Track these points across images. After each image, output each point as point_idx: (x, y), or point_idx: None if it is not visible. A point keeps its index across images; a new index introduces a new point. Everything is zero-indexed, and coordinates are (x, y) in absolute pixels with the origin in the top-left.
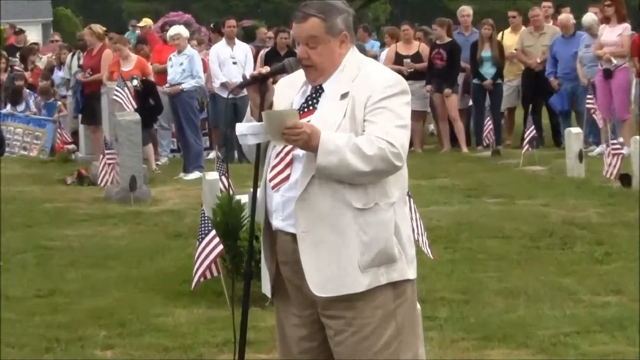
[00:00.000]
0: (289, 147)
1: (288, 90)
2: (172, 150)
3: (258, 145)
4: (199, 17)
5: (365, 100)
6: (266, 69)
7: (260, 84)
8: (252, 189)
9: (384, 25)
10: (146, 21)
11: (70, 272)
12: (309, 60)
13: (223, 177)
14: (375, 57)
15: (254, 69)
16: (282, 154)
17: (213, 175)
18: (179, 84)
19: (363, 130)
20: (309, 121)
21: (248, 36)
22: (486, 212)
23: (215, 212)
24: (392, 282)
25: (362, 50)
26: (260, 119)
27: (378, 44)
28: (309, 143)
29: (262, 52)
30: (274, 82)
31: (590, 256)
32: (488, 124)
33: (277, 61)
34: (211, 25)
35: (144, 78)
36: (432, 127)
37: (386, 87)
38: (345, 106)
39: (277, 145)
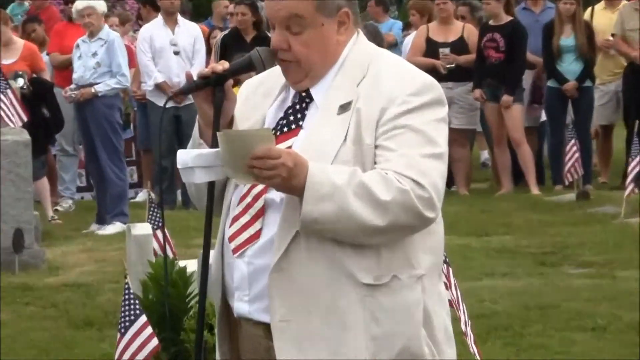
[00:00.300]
0: (260, 187)
1: (258, 99)
2: (80, 189)
3: (211, 184)
4: None
5: (378, 116)
6: (224, 65)
7: (214, 89)
8: (202, 252)
9: None
10: None
11: None
12: (289, 53)
13: (158, 232)
14: (395, 46)
15: (207, 63)
16: (248, 199)
17: (143, 228)
18: (91, 85)
19: (374, 161)
20: (290, 147)
21: (199, 12)
22: (569, 289)
23: (146, 286)
24: None
25: (376, 35)
26: (214, 144)
27: (400, 24)
28: (291, 181)
29: (218, 37)
30: (236, 84)
31: None
32: (571, 151)
33: (241, 50)
34: None
35: (34, 75)
36: (484, 155)
37: (410, 94)
38: (347, 124)
39: (240, 184)
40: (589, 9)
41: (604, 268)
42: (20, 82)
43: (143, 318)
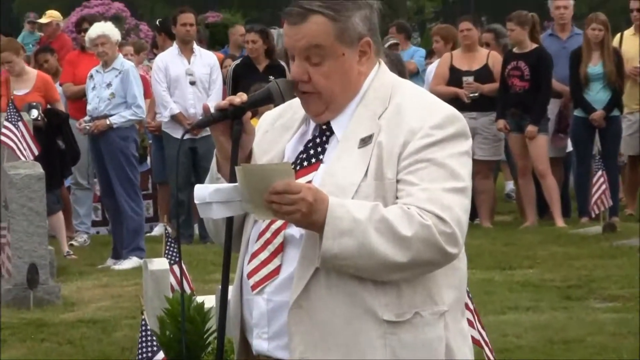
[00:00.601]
0: (279, 223)
1: (277, 132)
2: (95, 223)
3: (230, 219)
4: (136, 8)
5: (400, 149)
6: (242, 97)
7: (232, 122)
8: (220, 287)
9: (432, 22)
10: (52, 15)
11: None
12: (309, 85)
13: (175, 267)
14: (417, 74)
15: (224, 94)
16: (267, 235)
17: (159, 263)
18: (106, 116)
19: (396, 196)
20: (310, 181)
21: (215, 39)
22: (594, 323)
23: (163, 322)
24: None
25: (398, 65)
26: (232, 178)
27: (422, 51)
28: (311, 217)
29: (230, 67)
30: (254, 116)
31: None
32: (598, 182)
33: (254, 79)
34: (157, 22)
35: (48, 107)
36: (508, 186)
37: (432, 127)
38: (368, 158)
39: (259, 220)
40: (618, 35)
41: (630, 302)
42: (34, 113)
43: (160, 355)
